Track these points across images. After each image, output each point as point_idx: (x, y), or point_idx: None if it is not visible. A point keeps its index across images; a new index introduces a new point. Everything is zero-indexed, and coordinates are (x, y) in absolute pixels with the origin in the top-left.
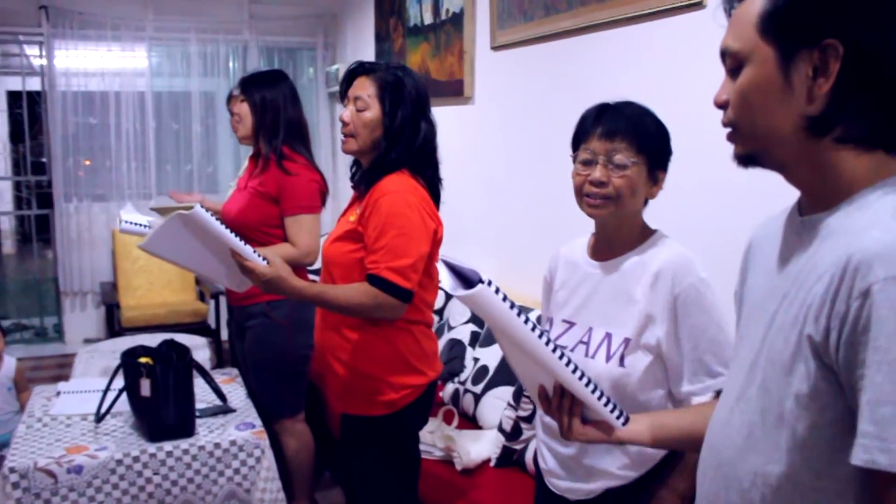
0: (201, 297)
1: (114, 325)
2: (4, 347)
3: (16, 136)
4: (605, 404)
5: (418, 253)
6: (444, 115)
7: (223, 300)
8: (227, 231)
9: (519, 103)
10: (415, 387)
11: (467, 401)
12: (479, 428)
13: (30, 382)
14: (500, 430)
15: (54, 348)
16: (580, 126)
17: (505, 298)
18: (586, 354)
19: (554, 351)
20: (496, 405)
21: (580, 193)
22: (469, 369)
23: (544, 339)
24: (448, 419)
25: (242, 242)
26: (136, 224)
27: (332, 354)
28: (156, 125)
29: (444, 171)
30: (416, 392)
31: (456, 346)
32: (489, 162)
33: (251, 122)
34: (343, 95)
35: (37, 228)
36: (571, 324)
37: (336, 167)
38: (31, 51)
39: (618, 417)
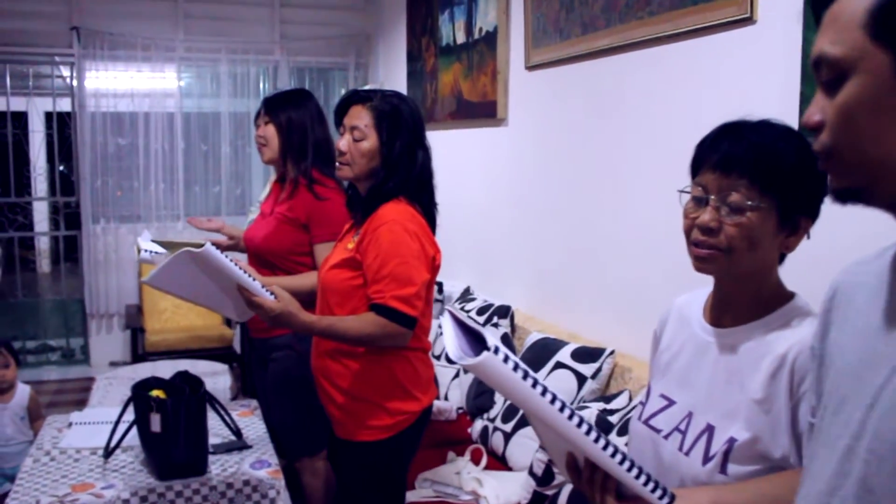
0: (227, 322)
1: (138, 350)
2: (18, 372)
3: (49, 156)
4: (645, 483)
5: (421, 280)
6: (476, 137)
7: None
8: (236, 267)
9: (554, 125)
10: (410, 413)
11: (497, 439)
12: (509, 469)
13: (53, 406)
14: (531, 473)
15: (80, 371)
16: (697, 150)
17: (516, 367)
18: (680, 448)
19: (579, 426)
20: (527, 445)
21: (689, 239)
22: (499, 406)
23: (566, 412)
24: (476, 458)
25: (251, 277)
26: (153, 252)
27: (329, 381)
28: (185, 146)
29: (476, 194)
30: (410, 418)
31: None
32: (523, 186)
33: (277, 143)
34: (338, 123)
35: (66, 248)
36: (670, 402)
37: None
38: (63, 72)
39: (661, 497)
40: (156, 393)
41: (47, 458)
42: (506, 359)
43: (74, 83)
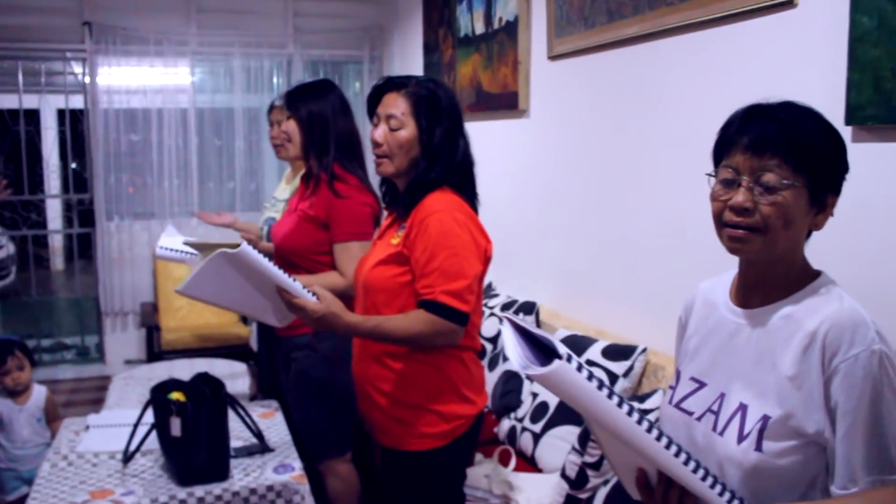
0: (244, 319)
1: (153, 348)
2: (32, 372)
3: (61, 154)
4: (730, 501)
5: (473, 273)
6: (497, 129)
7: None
8: (275, 267)
9: (579, 116)
10: (466, 417)
11: (525, 440)
12: (539, 470)
13: (68, 406)
14: (564, 476)
15: (95, 369)
16: (722, 134)
17: (591, 377)
18: (714, 428)
19: (659, 439)
20: (558, 446)
21: (719, 222)
22: (527, 405)
23: (644, 424)
24: (504, 460)
25: (291, 278)
26: (172, 250)
27: (373, 386)
28: (198, 142)
29: (497, 187)
30: (467, 423)
31: (512, 379)
32: (545, 178)
33: (300, 139)
34: (371, 113)
35: (80, 245)
36: (701, 384)
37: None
38: (76, 69)
39: None
40: (175, 396)
41: (65, 463)
42: (579, 368)
43: (87, 79)
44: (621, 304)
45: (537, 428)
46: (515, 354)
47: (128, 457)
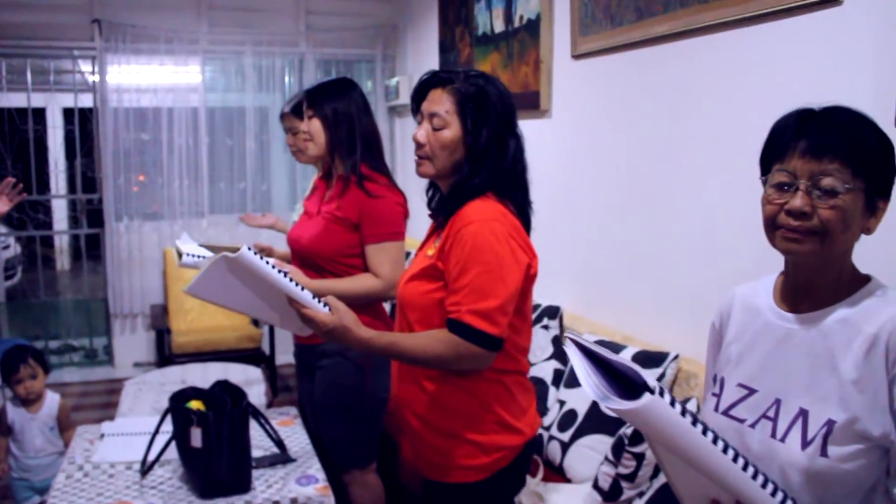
0: (255, 322)
1: (164, 351)
2: (45, 377)
3: (69, 153)
4: None
5: (507, 292)
6: None
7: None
8: (280, 275)
9: (604, 116)
10: (510, 448)
11: (553, 449)
12: (568, 481)
13: (78, 410)
14: (597, 488)
15: (104, 372)
16: (775, 139)
17: (684, 412)
18: (772, 434)
19: (755, 477)
20: (588, 456)
21: (773, 226)
22: (553, 413)
23: (740, 462)
24: (533, 470)
25: (299, 286)
26: (196, 256)
27: (409, 408)
28: (209, 141)
29: None
30: (511, 454)
31: (537, 386)
32: (568, 180)
33: (324, 139)
34: (415, 111)
35: (87, 245)
36: (751, 390)
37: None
38: (85, 67)
39: None
40: (195, 405)
41: (80, 474)
42: (672, 402)
43: (96, 77)
44: (649, 308)
45: (566, 437)
46: (590, 384)
47: (146, 468)
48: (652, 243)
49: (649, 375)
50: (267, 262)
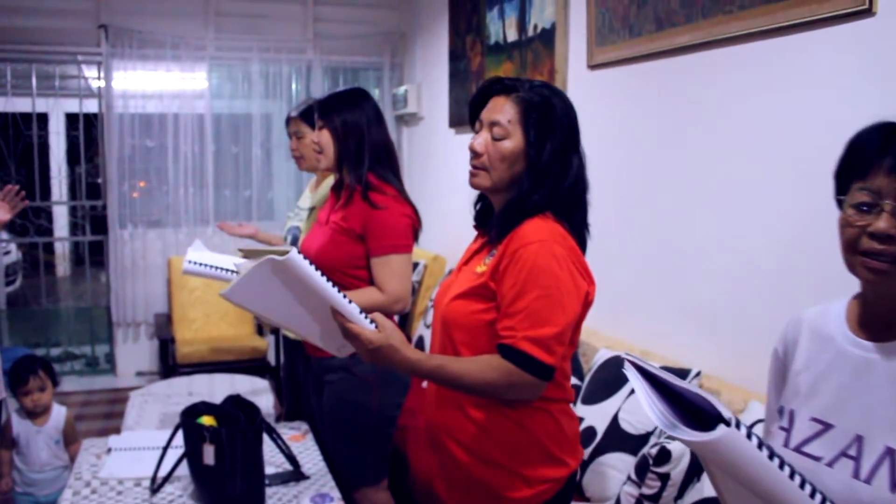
0: (259, 331)
1: (167, 360)
2: (53, 390)
3: (72, 159)
4: None
5: (565, 320)
6: None
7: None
8: (329, 284)
9: (619, 126)
10: (555, 480)
11: None
12: (587, 500)
13: (80, 420)
14: None
15: (106, 381)
16: (854, 155)
17: (761, 445)
18: (855, 475)
19: None
20: (608, 475)
21: (853, 250)
22: None
23: (818, 498)
24: None
25: (347, 299)
26: (200, 264)
27: (450, 436)
28: (215, 148)
29: None
30: (555, 486)
31: None
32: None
33: (333, 150)
34: (473, 119)
35: (90, 252)
36: (827, 425)
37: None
38: (90, 72)
39: None
40: (207, 420)
41: (88, 490)
42: (749, 435)
43: (102, 83)
44: (668, 323)
45: (584, 455)
46: (654, 411)
47: (156, 486)
48: (670, 257)
49: (722, 405)
50: (317, 269)
